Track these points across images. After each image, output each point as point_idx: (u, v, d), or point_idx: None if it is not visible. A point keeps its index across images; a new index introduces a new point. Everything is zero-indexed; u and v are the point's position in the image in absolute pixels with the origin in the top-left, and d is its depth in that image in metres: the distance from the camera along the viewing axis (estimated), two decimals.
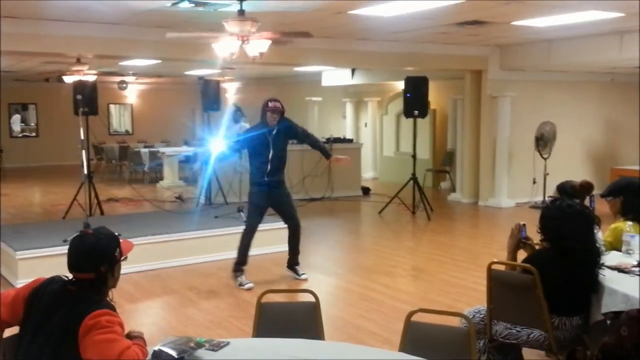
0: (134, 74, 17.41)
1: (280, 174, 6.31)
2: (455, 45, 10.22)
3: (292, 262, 6.51)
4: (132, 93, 20.28)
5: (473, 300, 5.48)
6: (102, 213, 9.21)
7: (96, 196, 9.19)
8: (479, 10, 7.31)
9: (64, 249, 2.84)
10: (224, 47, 6.21)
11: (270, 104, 6.15)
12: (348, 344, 2.61)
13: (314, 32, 7.08)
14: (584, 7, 7.21)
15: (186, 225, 7.53)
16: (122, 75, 17.35)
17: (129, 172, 15.33)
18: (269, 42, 6.27)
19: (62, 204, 9.81)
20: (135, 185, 12.25)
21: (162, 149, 14.49)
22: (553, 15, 7.69)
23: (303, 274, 6.46)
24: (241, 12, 6.02)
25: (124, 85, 19.04)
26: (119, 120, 20.77)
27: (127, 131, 20.34)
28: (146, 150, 14.71)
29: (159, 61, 11.53)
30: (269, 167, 6.16)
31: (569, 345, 3.52)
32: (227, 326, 5.06)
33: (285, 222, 6.50)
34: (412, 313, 2.73)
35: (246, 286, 6.08)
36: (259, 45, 6.18)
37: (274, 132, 6.15)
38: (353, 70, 14.30)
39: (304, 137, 6.51)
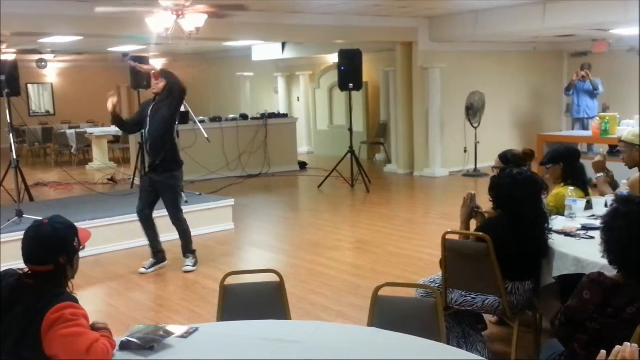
0: (52, 52, 16.60)
1: (161, 155, 5.57)
2: (386, 18, 10.27)
3: (185, 250, 6.00)
4: (52, 72, 19.37)
5: (420, 269, 5.60)
6: (31, 199, 8.80)
7: (24, 181, 8.74)
8: None
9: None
10: (158, 22, 5.99)
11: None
12: (319, 322, 2.59)
13: (246, 5, 6.93)
14: None
15: (124, 207, 7.28)
16: (41, 53, 16.52)
17: (54, 154, 14.71)
18: (205, 16, 6.10)
19: None
20: (64, 168, 11.77)
21: (89, 130, 13.95)
22: None
23: (187, 265, 5.91)
24: None
25: (44, 63, 18.14)
26: (39, 100, 19.83)
27: (47, 112, 19.44)
28: (72, 131, 14.12)
29: (80, 37, 11.03)
30: (148, 147, 5.71)
31: (523, 309, 3.65)
32: (178, 309, 4.97)
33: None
34: (379, 288, 2.75)
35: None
36: (195, 19, 6.01)
37: (153, 103, 5.58)
38: (283, 44, 14.15)
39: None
